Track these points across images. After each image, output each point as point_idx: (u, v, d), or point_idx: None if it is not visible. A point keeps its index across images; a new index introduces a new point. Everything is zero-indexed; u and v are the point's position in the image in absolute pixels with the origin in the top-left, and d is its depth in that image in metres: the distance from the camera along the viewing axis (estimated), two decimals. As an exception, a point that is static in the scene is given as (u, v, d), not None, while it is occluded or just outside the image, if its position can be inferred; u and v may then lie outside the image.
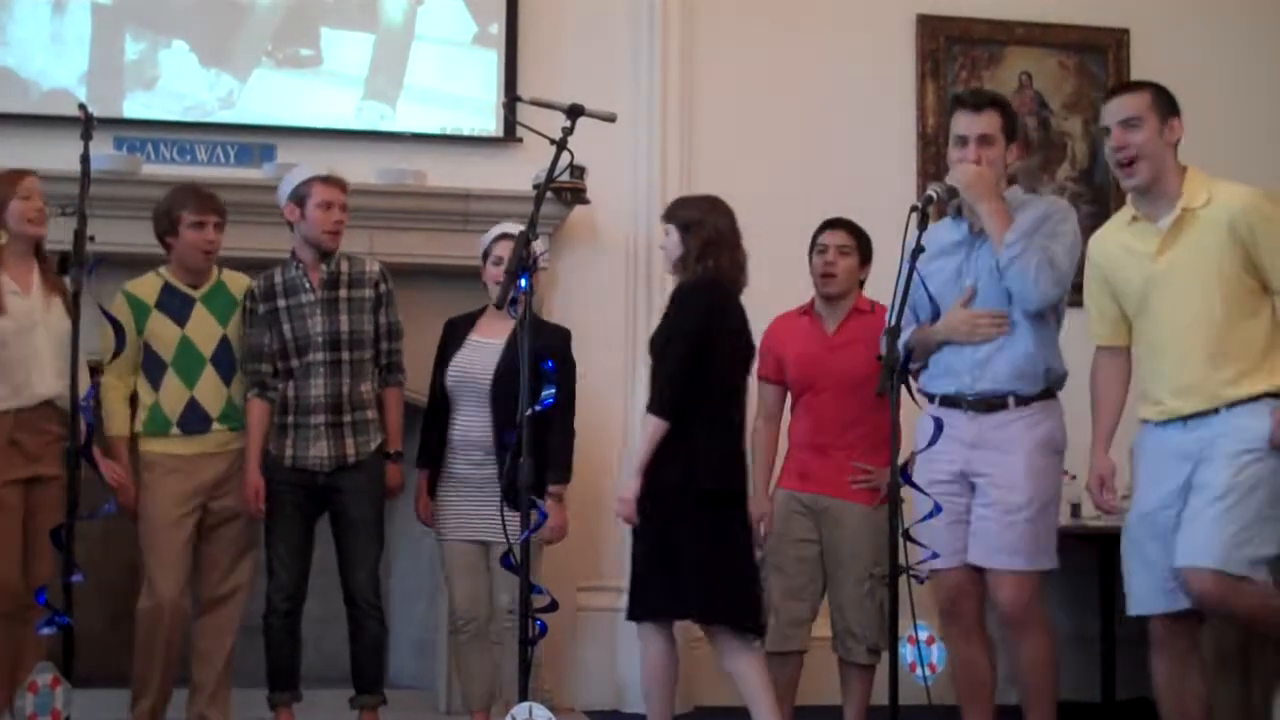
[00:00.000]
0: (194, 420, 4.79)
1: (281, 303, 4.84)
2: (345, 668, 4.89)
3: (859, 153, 6.15)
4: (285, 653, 4.82)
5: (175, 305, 4.81)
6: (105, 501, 4.48)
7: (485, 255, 4.95)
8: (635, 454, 4.47)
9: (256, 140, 5.81)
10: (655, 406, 4.35)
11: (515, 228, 4.83)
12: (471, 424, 4.79)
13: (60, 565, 3.90)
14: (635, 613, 4.41)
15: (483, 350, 4.84)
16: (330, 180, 4.87)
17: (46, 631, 3.92)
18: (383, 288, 4.93)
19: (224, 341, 4.84)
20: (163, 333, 4.79)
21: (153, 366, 4.80)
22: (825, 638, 4.72)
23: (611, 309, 5.81)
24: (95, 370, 4.64)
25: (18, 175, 4.60)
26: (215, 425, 4.81)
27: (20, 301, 4.56)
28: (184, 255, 4.83)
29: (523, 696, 3.51)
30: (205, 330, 4.82)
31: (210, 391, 4.81)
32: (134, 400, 4.84)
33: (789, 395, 4.85)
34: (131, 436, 4.81)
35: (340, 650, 4.91)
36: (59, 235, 4.55)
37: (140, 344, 4.79)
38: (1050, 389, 4.21)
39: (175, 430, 4.77)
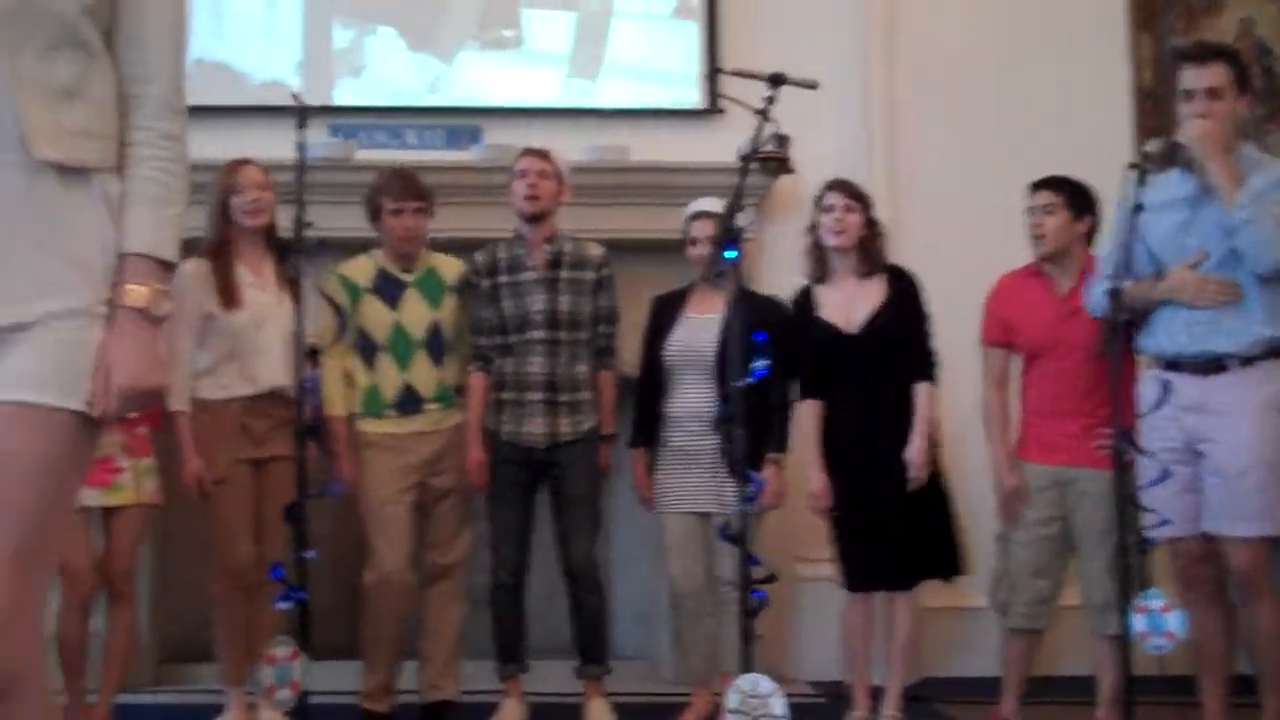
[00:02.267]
0: (408, 402, 4.88)
1: (503, 278, 4.91)
2: (570, 640, 4.95)
3: (1070, 109, 5.97)
4: (511, 625, 4.90)
5: (388, 289, 4.90)
6: (332, 480, 4.63)
7: (685, 233, 4.96)
8: (921, 420, 4.60)
9: (464, 122, 5.89)
10: (932, 375, 4.61)
11: (712, 205, 4.84)
12: (693, 398, 4.80)
13: (293, 542, 4.02)
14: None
15: (701, 325, 4.84)
16: (526, 151, 4.95)
17: (283, 606, 4.05)
18: (604, 271, 4.96)
19: (434, 326, 4.92)
20: (376, 316, 4.89)
21: (366, 348, 4.90)
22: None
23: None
24: (313, 352, 4.78)
25: (236, 166, 4.76)
26: (428, 405, 4.90)
27: (257, 294, 4.72)
28: (388, 240, 4.93)
29: (745, 668, 3.51)
30: (416, 314, 4.90)
31: (423, 374, 4.89)
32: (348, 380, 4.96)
33: (1004, 361, 4.75)
34: (349, 416, 4.94)
35: (564, 623, 4.98)
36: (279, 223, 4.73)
37: (354, 326, 4.91)
38: (1276, 350, 4.04)
39: (390, 411, 4.87)
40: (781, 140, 5.34)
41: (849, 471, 4.64)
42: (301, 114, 4.17)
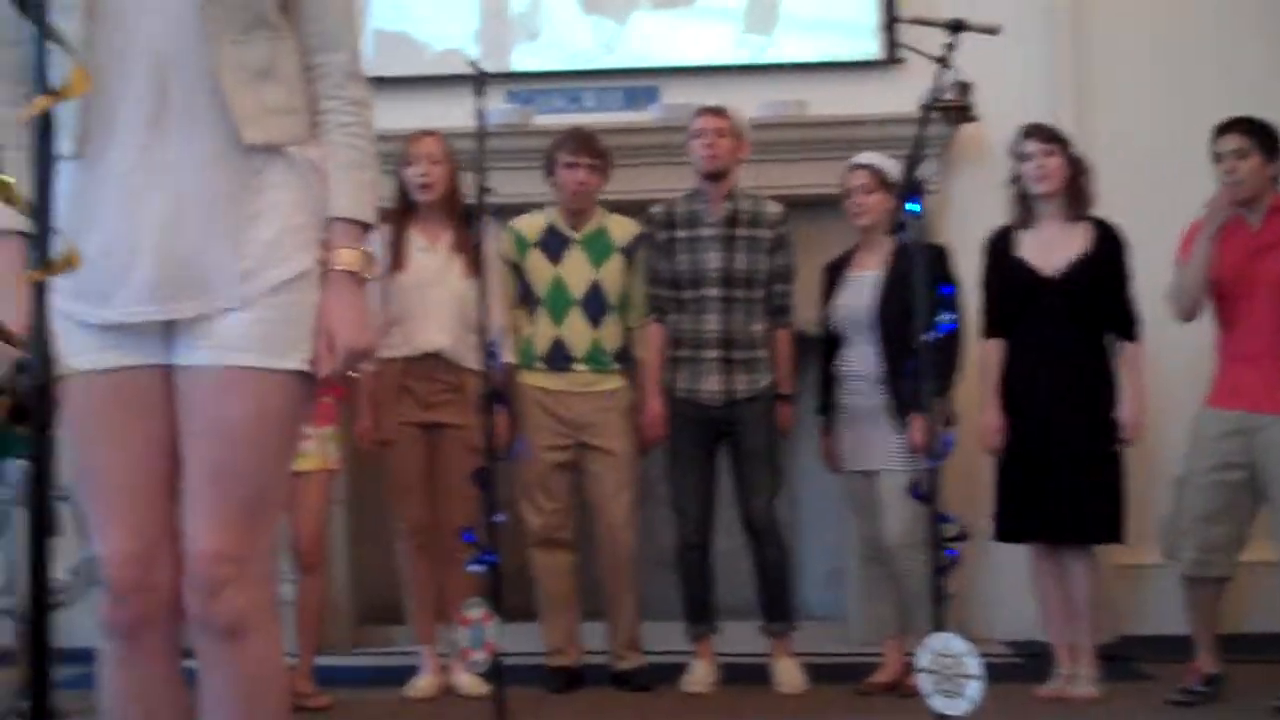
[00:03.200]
0: (558, 358, 4.92)
1: (680, 233, 4.90)
2: (755, 599, 4.94)
3: (1268, 48, 5.72)
4: (699, 586, 4.90)
5: (553, 244, 4.94)
6: (518, 443, 4.68)
7: (842, 188, 4.90)
8: (1135, 381, 4.57)
9: (640, 83, 5.88)
10: (1138, 334, 4.56)
11: (872, 158, 4.77)
12: (858, 356, 4.74)
13: (483, 506, 4.08)
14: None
15: (860, 283, 4.77)
16: (703, 110, 4.93)
17: (475, 569, 4.10)
18: (781, 229, 4.93)
19: (596, 285, 4.94)
20: (539, 269, 4.93)
21: (529, 301, 4.95)
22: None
23: (1005, 229, 5.63)
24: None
25: (415, 138, 4.83)
26: (578, 365, 4.92)
27: (425, 258, 4.80)
28: (560, 194, 4.96)
29: (937, 626, 3.46)
30: (578, 271, 4.93)
31: (576, 332, 4.92)
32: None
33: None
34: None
35: (750, 583, 4.97)
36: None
37: (520, 279, 4.95)
38: None
39: (540, 364, 4.91)
40: (963, 88, 5.20)
41: (1024, 417, 4.57)
42: (480, 81, 4.19)
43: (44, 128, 1.60)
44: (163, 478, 2.09)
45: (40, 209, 1.59)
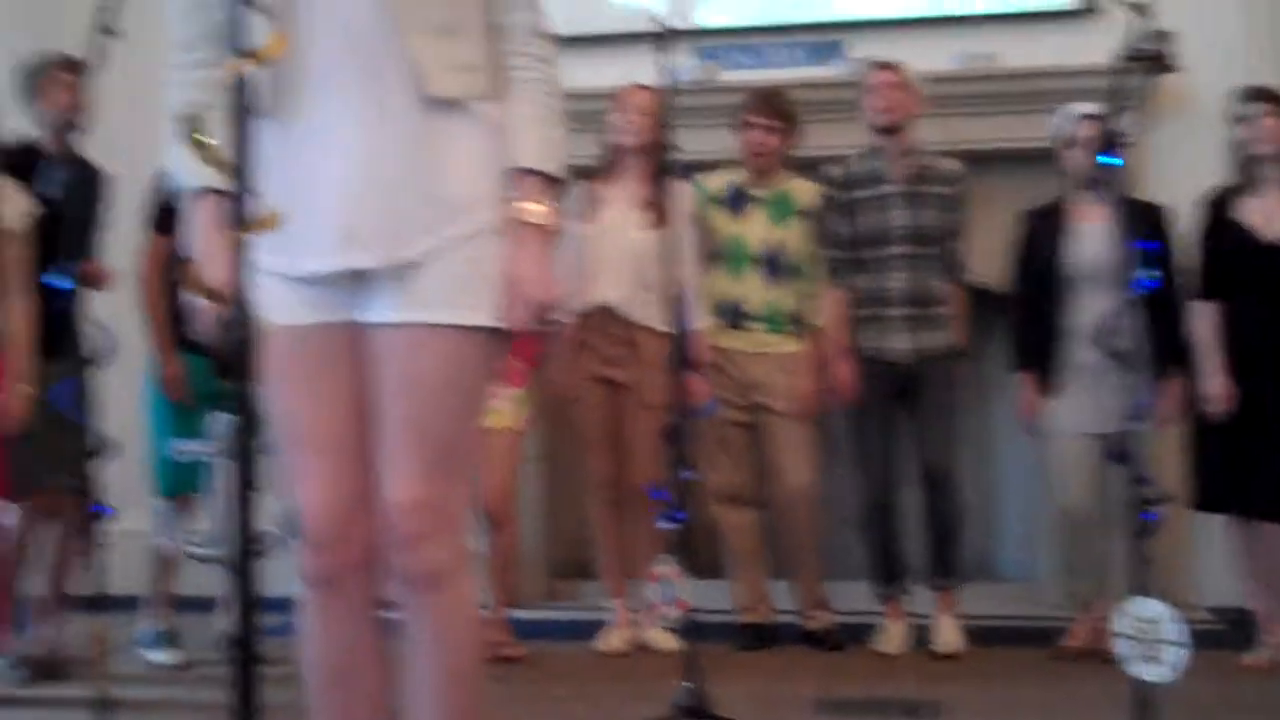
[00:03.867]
0: (731, 314, 4.93)
1: (861, 193, 4.85)
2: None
3: None
4: (887, 546, 4.86)
5: (736, 202, 4.96)
6: (709, 399, 4.69)
7: (1064, 139, 4.76)
8: None
9: (825, 38, 5.80)
10: None
11: (1093, 108, 4.63)
12: (1093, 311, 4.59)
13: (674, 463, 4.09)
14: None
15: (1094, 235, 4.62)
16: (875, 65, 4.90)
17: (665, 526, 4.13)
18: (960, 186, 4.86)
19: (775, 245, 4.92)
20: (719, 225, 4.95)
21: (709, 258, 4.94)
22: None
23: (1210, 183, 5.43)
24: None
25: (629, 90, 4.89)
26: (754, 324, 4.91)
27: (612, 212, 4.83)
28: (742, 155, 4.97)
29: (1137, 591, 3.37)
30: (757, 231, 4.92)
31: (753, 290, 4.91)
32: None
33: None
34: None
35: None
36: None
37: (702, 236, 4.94)
38: None
39: (714, 321, 4.90)
40: (1162, 36, 5.04)
41: (1237, 381, 4.42)
42: (665, 39, 4.18)
43: (242, 90, 1.63)
44: (357, 431, 2.14)
45: (240, 169, 1.62)
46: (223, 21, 1.65)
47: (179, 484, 4.47)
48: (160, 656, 4.57)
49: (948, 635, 4.78)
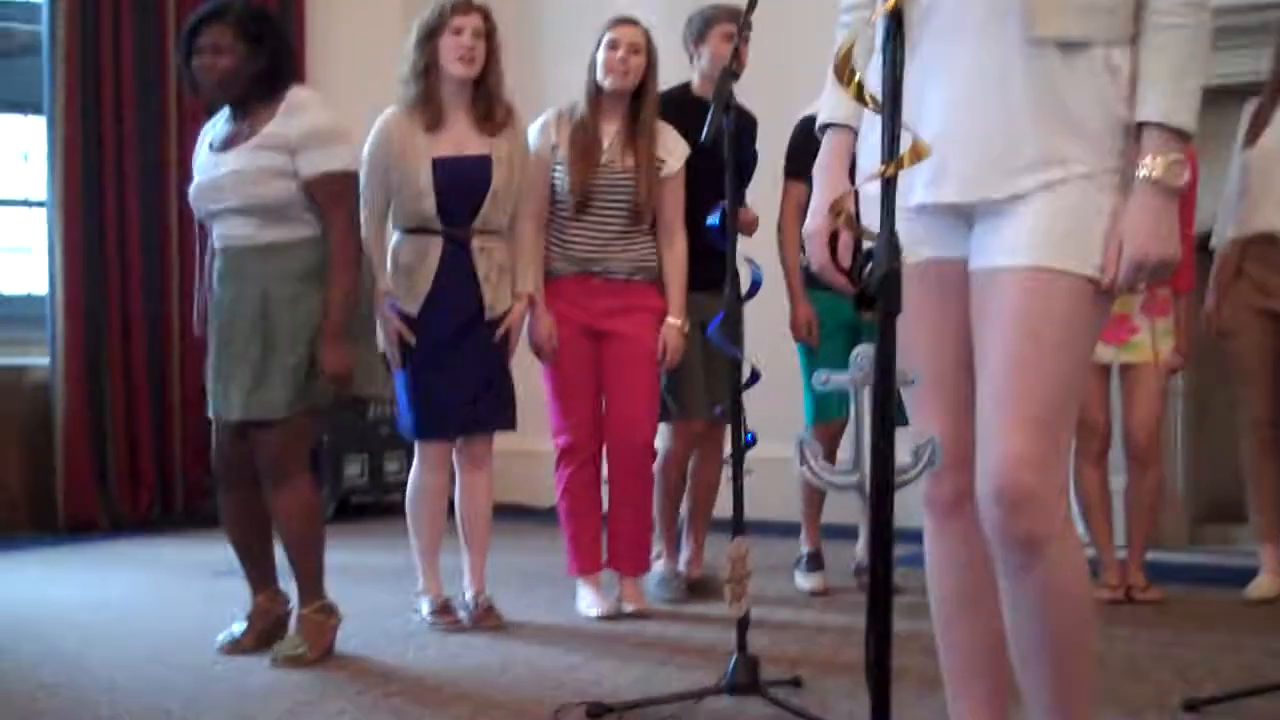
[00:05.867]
0: None
1: None
2: None
3: None
4: None
5: None
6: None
7: None
8: None
9: None
10: None
11: None
12: None
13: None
14: None
15: None
16: None
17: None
18: None
19: None
20: None
21: None
22: None
23: None
24: None
25: None
26: None
27: (1271, 133, 4.52)
28: None
29: None
30: None
31: None
32: None
33: None
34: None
35: None
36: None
37: None
38: None
39: None
40: None
41: None
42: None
43: (895, 26, 1.65)
44: (966, 363, 2.13)
45: (891, 106, 1.65)
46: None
47: (822, 412, 4.61)
48: (804, 581, 4.74)
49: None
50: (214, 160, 3.75)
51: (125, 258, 6.46)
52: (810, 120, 4.82)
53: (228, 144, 3.73)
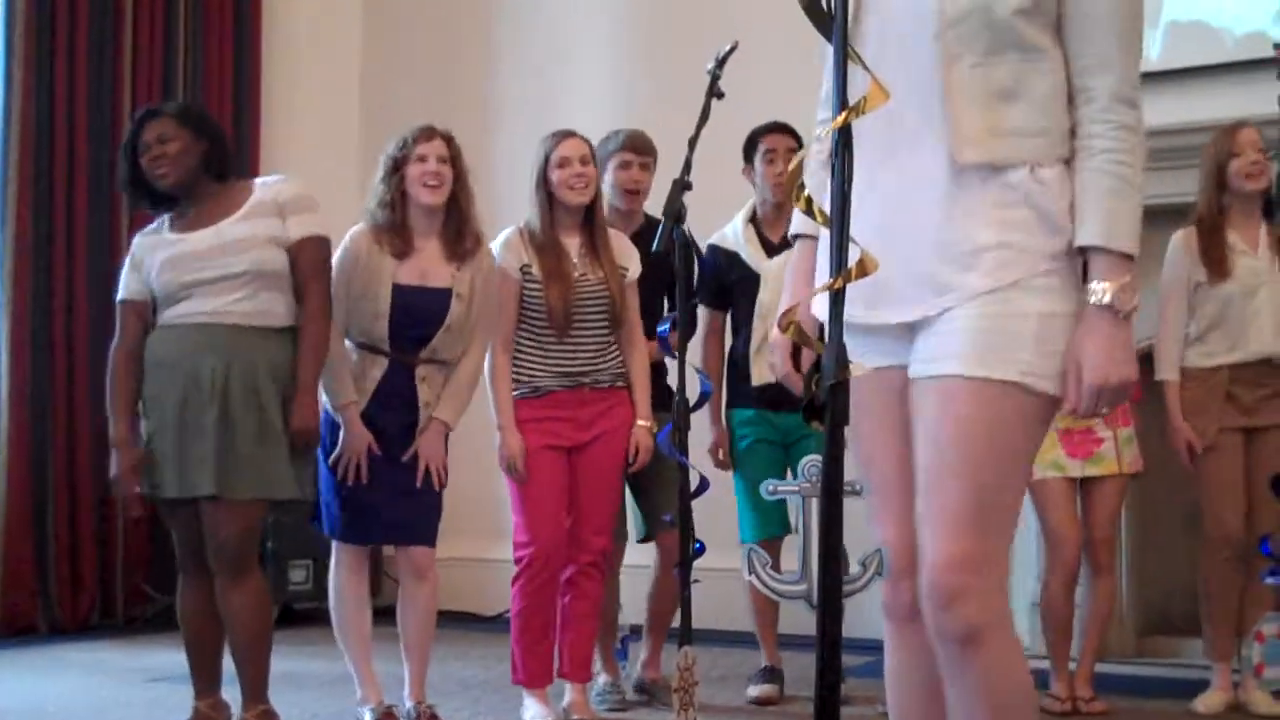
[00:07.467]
0: None
1: None
2: None
3: None
4: None
5: None
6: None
7: None
8: None
9: None
10: None
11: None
12: None
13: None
14: None
15: None
16: None
17: (1271, 581, 3.88)
18: None
19: None
20: None
21: None
22: None
23: None
24: None
25: (1231, 130, 4.57)
26: None
27: (1248, 262, 4.58)
28: None
29: None
30: None
31: None
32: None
33: None
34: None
35: None
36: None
37: None
38: None
39: None
40: None
41: None
42: (1288, 65, 3.95)
43: (845, 141, 1.69)
44: (912, 469, 2.14)
45: (840, 220, 1.68)
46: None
47: (764, 528, 4.59)
48: (753, 689, 4.69)
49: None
50: (182, 238, 3.76)
51: (72, 357, 6.41)
52: (714, 249, 4.91)
53: (191, 226, 3.77)
